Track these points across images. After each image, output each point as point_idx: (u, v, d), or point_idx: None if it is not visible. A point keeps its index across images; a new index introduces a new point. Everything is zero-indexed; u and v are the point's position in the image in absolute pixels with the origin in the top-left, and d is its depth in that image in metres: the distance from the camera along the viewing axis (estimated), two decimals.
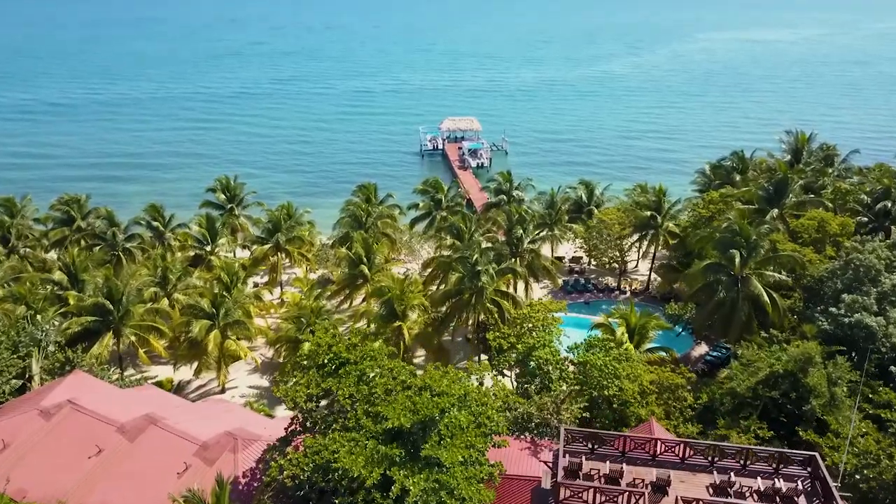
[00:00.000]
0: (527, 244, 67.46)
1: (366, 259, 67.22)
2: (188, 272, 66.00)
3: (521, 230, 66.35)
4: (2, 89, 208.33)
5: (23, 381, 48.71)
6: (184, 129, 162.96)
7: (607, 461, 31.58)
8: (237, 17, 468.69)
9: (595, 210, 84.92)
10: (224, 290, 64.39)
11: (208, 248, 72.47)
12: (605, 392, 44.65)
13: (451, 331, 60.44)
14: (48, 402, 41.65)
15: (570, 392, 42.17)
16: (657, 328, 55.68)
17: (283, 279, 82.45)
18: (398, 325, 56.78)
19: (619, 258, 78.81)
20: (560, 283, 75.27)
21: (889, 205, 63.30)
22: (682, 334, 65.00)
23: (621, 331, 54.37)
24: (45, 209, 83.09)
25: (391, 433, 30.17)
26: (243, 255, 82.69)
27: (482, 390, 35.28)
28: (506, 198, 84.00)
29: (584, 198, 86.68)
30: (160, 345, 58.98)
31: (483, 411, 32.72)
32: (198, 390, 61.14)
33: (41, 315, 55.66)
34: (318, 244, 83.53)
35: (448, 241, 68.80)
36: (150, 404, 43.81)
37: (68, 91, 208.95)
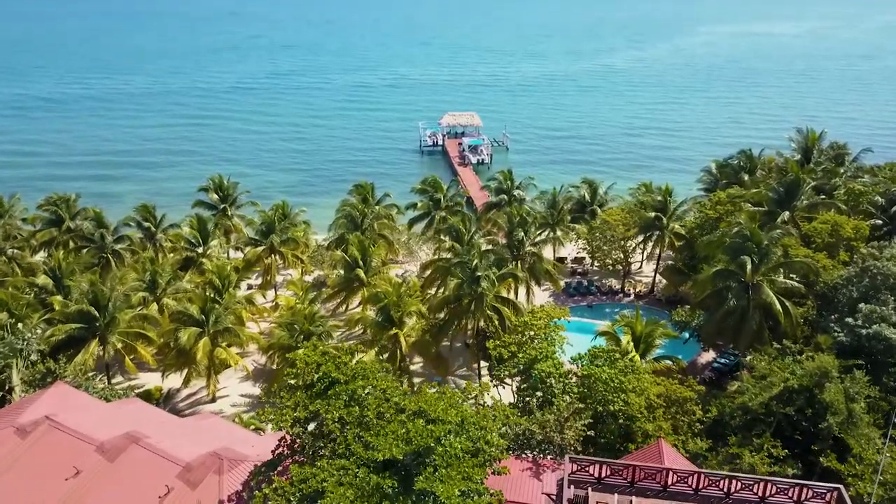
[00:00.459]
0: (528, 247, 65.27)
1: (362, 262, 65.08)
2: (178, 276, 63.84)
3: (522, 232, 64.13)
4: None
5: (2, 394, 46.65)
6: (178, 125, 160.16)
7: (615, 493, 29.52)
8: (237, 11, 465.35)
9: (598, 210, 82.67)
10: (215, 294, 62.57)
11: (200, 251, 70.22)
12: (611, 407, 42.56)
13: (450, 336, 58.24)
14: (25, 418, 39.56)
15: (574, 410, 39.99)
16: (664, 337, 53.49)
17: (277, 280, 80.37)
18: (395, 332, 54.62)
19: (622, 260, 76.57)
20: (562, 285, 73.11)
21: None
22: (689, 339, 62.81)
23: (627, 339, 52.25)
24: (34, 209, 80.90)
25: (383, 461, 28.09)
26: (237, 256, 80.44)
27: (482, 412, 33.18)
28: (506, 197, 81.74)
29: (588, 197, 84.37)
30: (148, 352, 56.88)
31: (482, 436, 30.65)
32: (188, 399, 59.09)
33: (24, 322, 53.57)
34: (314, 245, 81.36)
35: (447, 244, 66.57)
36: (133, 420, 41.73)
37: (62, 86, 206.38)
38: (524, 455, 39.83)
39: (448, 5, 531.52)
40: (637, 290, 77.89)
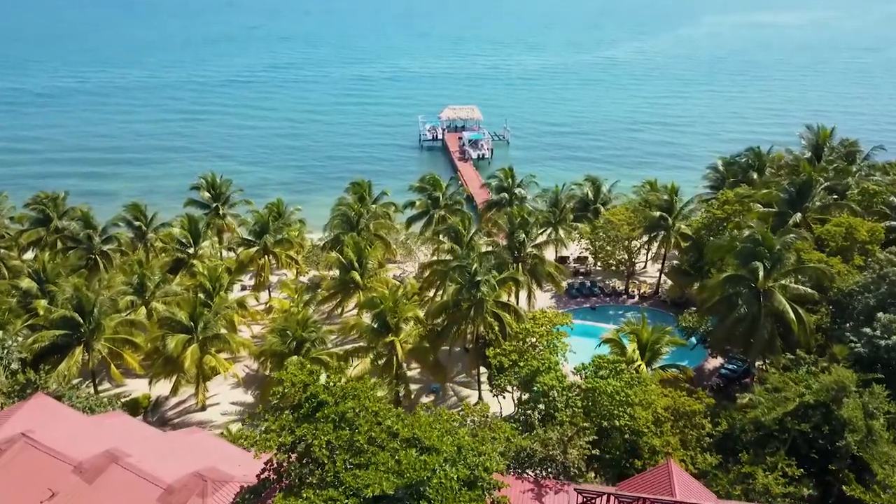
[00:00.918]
0: (530, 248, 63.09)
1: (357, 264, 62.94)
2: (167, 279, 61.72)
3: (523, 234, 61.92)
4: None
5: None
6: (173, 120, 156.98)
7: None
8: (234, 1, 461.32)
9: (602, 208, 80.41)
10: (206, 298, 60.46)
11: (191, 251, 68.04)
12: (616, 422, 40.53)
13: (449, 342, 56.04)
14: (1, 435, 37.69)
15: (578, 430, 37.94)
16: (671, 345, 51.41)
17: (272, 281, 78.28)
18: (391, 339, 52.54)
19: (627, 261, 74.36)
20: (564, 286, 70.72)
21: None
22: (696, 346, 60.79)
23: (632, 347, 50.16)
24: (22, 208, 78.76)
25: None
26: (231, 255, 78.27)
27: (481, 434, 31.18)
28: (507, 196, 79.45)
29: (591, 195, 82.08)
30: (135, 359, 54.86)
31: (480, 462, 28.66)
32: (176, 407, 57.10)
33: (5, 329, 51.56)
34: (310, 245, 79.18)
35: (446, 246, 64.37)
36: (115, 436, 39.76)
37: (56, 79, 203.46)
38: (525, 475, 37.89)
39: None
40: (641, 291, 75.74)
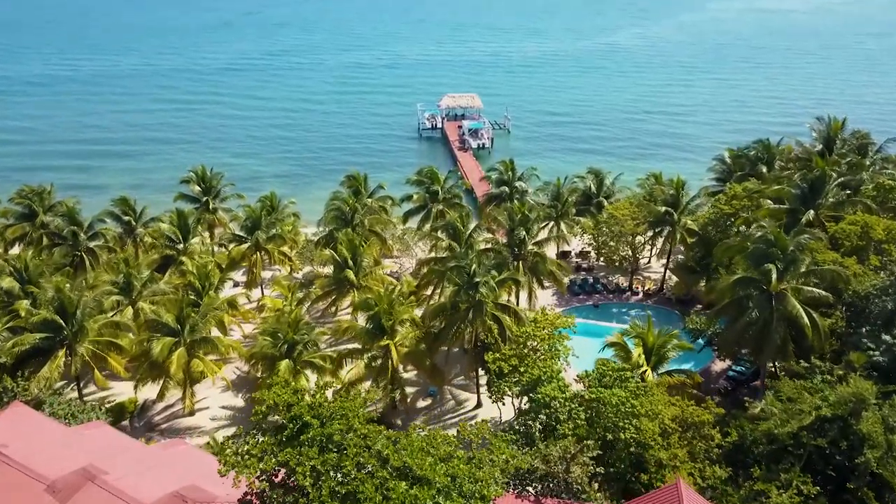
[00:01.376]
0: (530, 246, 60.81)
1: (352, 262, 60.70)
2: (154, 278, 59.46)
3: (523, 231, 59.61)
4: None
5: None
6: (165, 109, 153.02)
7: None
8: None
9: (605, 202, 78.03)
10: (195, 296, 58.34)
11: (180, 248, 65.69)
12: (621, 435, 38.46)
13: (448, 343, 53.71)
14: None
15: (581, 447, 35.84)
16: (678, 349, 49.27)
17: (266, 276, 76.11)
18: (386, 342, 50.42)
19: (631, 257, 72.05)
20: (566, 283, 68.25)
21: None
22: (704, 348, 58.50)
23: (638, 352, 48.13)
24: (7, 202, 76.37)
25: None
26: (222, 251, 75.89)
27: (479, 456, 29.02)
28: (508, 189, 77.09)
29: (594, 188, 79.69)
30: (120, 363, 52.72)
31: (477, 489, 26.63)
32: (164, 411, 55.06)
33: None
34: (304, 239, 76.86)
35: (444, 243, 62.04)
36: (93, 449, 37.74)
37: (47, 67, 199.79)
38: (526, 492, 35.90)
39: None
40: (646, 288, 73.51)
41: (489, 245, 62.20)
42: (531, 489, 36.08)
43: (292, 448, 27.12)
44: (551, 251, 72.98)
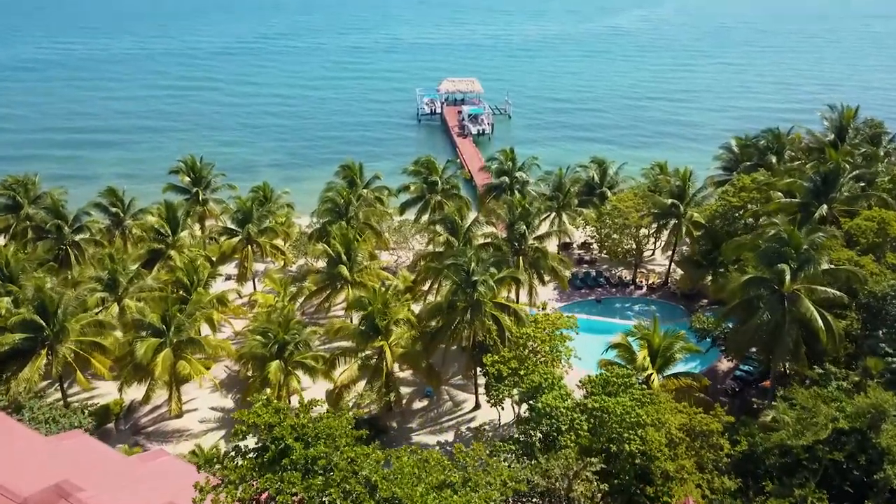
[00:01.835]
0: (531, 241, 58.56)
1: (346, 257, 58.50)
2: (140, 274, 57.26)
3: (524, 226, 57.32)
4: None
5: None
6: (158, 96, 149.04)
7: None
8: None
9: (608, 192, 75.64)
10: (184, 292, 56.29)
11: (169, 241, 63.38)
12: (626, 446, 36.49)
13: (446, 341, 51.37)
14: None
15: (585, 465, 33.87)
16: (684, 351, 47.19)
17: (259, 269, 74.00)
18: (380, 343, 48.38)
19: (635, 250, 69.81)
20: (568, 274, 65.44)
21: None
22: (707, 342, 56.33)
23: (643, 355, 45.96)
24: None
25: None
26: (214, 244, 73.60)
27: (475, 479, 27.08)
28: (508, 180, 74.62)
29: (597, 178, 77.22)
30: (104, 364, 50.62)
31: None
32: (151, 413, 53.13)
33: None
34: (298, 231, 74.57)
35: (442, 238, 59.73)
36: (69, 463, 35.82)
37: (40, 51, 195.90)
38: None
39: None
40: (650, 282, 71.36)
41: (488, 239, 59.94)
42: None
43: (273, 473, 25.19)
44: (553, 243, 70.69)
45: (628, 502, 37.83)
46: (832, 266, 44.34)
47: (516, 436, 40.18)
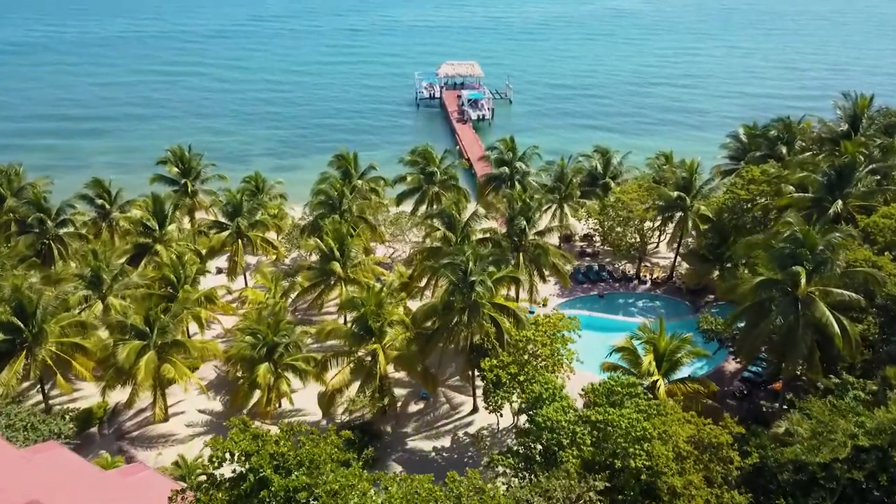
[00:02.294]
0: (532, 236, 56.25)
1: (338, 253, 56.24)
2: (125, 271, 55.01)
3: (524, 221, 54.98)
4: None
5: None
6: (148, 81, 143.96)
7: None
8: None
9: (611, 183, 73.21)
10: (171, 290, 54.11)
11: (156, 235, 61.00)
12: (632, 462, 34.46)
13: (443, 342, 49.14)
14: None
15: (589, 488, 31.81)
16: (692, 355, 45.11)
17: (252, 261, 71.78)
18: (374, 346, 46.27)
19: (639, 244, 67.47)
20: (570, 269, 63.11)
21: None
22: (714, 344, 54.28)
23: (648, 359, 43.85)
24: None
25: None
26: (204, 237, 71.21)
27: None
28: (508, 170, 72.14)
29: (600, 168, 74.71)
30: (87, 366, 48.56)
31: None
32: (136, 416, 51.08)
33: None
34: (291, 223, 72.19)
35: (439, 233, 57.33)
36: (42, 479, 33.86)
37: (29, 33, 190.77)
38: None
39: None
40: (654, 276, 69.09)
41: (487, 235, 57.64)
42: None
43: None
44: (554, 237, 68.24)
45: None
46: (849, 268, 42.02)
47: (515, 448, 38.17)
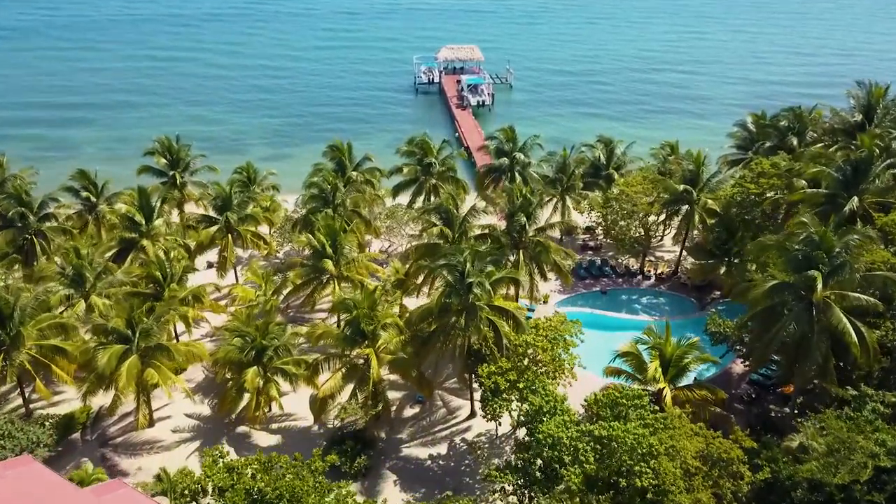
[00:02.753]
0: (532, 233, 53.99)
1: (331, 249, 54.02)
2: (109, 268, 52.83)
3: (524, 217, 52.69)
4: None
5: None
6: (140, 67, 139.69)
7: None
8: None
9: (615, 174, 70.82)
10: (157, 287, 52.03)
11: (143, 229, 58.64)
12: (637, 481, 32.54)
13: (438, 349, 46.92)
14: None
15: None
16: (699, 361, 43.11)
17: (244, 255, 69.67)
18: (367, 350, 44.22)
19: (643, 238, 65.22)
20: (571, 264, 60.54)
21: None
22: (722, 346, 52.14)
23: (654, 366, 41.86)
24: None
25: None
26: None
27: None
28: (508, 161, 69.73)
29: (603, 159, 72.23)
30: (68, 370, 46.57)
31: None
32: (121, 421, 49.13)
33: None
34: (284, 216, 69.85)
35: (436, 230, 55.02)
36: (14, 495, 32.01)
37: (21, 17, 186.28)
38: None
39: None
40: (659, 271, 66.89)
41: (486, 231, 55.37)
42: None
43: None
44: (555, 231, 65.94)
45: None
46: (867, 270, 39.84)
47: (514, 462, 36.27)
